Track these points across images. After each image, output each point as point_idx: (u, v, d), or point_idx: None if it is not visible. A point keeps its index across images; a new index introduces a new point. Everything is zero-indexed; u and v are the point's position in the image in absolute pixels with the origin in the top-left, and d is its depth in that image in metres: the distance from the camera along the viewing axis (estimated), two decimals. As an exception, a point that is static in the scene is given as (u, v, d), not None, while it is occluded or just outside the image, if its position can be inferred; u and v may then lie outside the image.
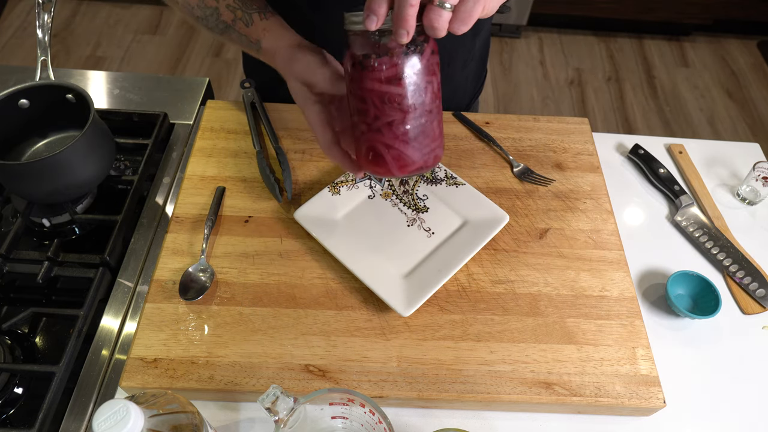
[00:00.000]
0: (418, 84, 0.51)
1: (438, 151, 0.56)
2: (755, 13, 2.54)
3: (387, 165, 0.54)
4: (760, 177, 0.83)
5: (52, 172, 0.71)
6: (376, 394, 0.61)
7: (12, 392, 0.64)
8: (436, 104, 0.54)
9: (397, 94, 0.51)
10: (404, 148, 0.53)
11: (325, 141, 0.58)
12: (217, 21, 0.64)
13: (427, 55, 0.51)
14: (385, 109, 0.52)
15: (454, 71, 0.93)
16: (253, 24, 0.62)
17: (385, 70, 0.50)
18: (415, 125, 0.53)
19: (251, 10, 0.63)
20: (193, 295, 0.67)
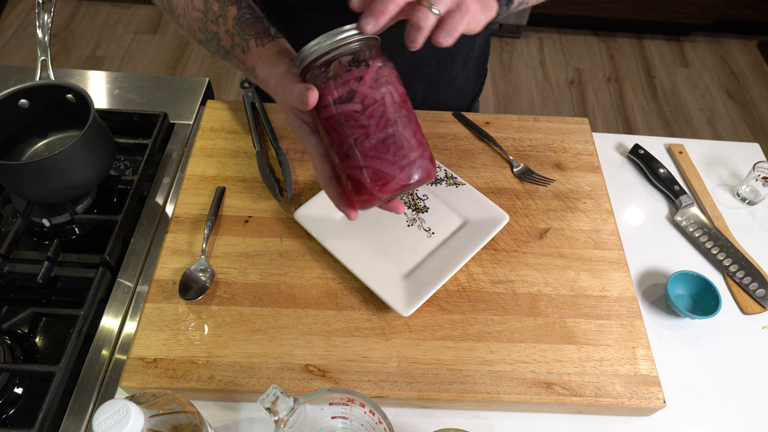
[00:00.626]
0: (371, 96, 0.50)
1: (422, 163, 0.53)
2: (755, 13, 2.54)
3: (367, 188, 0.52)
4: (760, 177, 0.83)
5: (52, 172, 0.71)
6: (376, 394, 0.61)
7: (12, 392, 0.64)
8: (402, 114, 0.52)
9: (351, 111, 0.50)
10: (377, 164, 0.51)
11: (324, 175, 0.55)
12: (218, 46, 0.64)
13: (375, 68, 0.51)
14: (345, 130, 0.51)
15: (456, 71, 0.93)
16: (249, 51, 0.61)
17: (335, 92, 0.50)
18: (381, 137, 0.51)
19: (249, 36, 0.61)
20: (193, 295, 0.67)
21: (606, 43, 2.62)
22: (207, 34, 0.63)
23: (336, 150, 0.52)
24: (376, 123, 0.51)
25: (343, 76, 0.50)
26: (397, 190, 0.52)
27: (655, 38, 2.65)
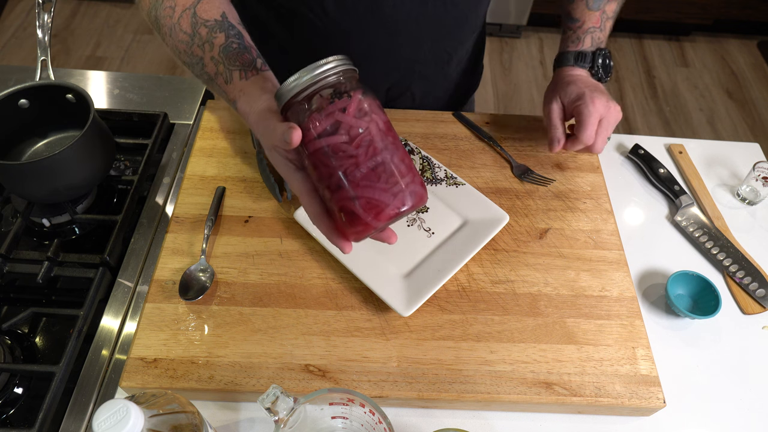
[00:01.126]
0: (357, 126, 0.50)
1: (413, 188, 0.52)
2: (755, 13, 2.54)
3: (361, 218, 0.51)
4: (760, 177, 0.83)
5: (52, 172, 0.71)
6: (376, 394, 0.61)
7: (12, 392, 0.64)
8: (389, 142, 0.52)
9: (338, 143, 0.50)
10: (370, 193, 0.51)
11: (314, 212, 0.54)
12: (201, 71, 0.62)
13: (357, 98, 0.51)
14: (334, 162, 0.51)
15: (451, 70, 0.93)
16: (232, 82, 0.59)
17: (318, 125, 0.50)
18: (371, 166, 0.51)
19: (233, 67, 0.59)
20: (193, 295, 0.67)
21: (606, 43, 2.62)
22: (192, 58, 0.62)
23: (326, 183, 0.52)
24: (365, 152, 0.50)
25: (327, 109, 0.50)
26: (392, 217, 0.52)
27: (655, 38, 2.65)
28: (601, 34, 0.81)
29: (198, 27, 0.61)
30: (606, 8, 0.81)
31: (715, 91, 2.43)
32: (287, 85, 0.50)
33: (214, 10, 0.61)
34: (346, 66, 0.51)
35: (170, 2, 0.62)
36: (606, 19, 0.81)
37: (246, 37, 0.61)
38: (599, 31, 0.81)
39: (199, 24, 0.61)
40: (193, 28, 0.61)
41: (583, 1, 0.81)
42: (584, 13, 0.81)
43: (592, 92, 0.74)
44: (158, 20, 0.63)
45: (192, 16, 0.61)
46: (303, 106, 0.50)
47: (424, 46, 0.85)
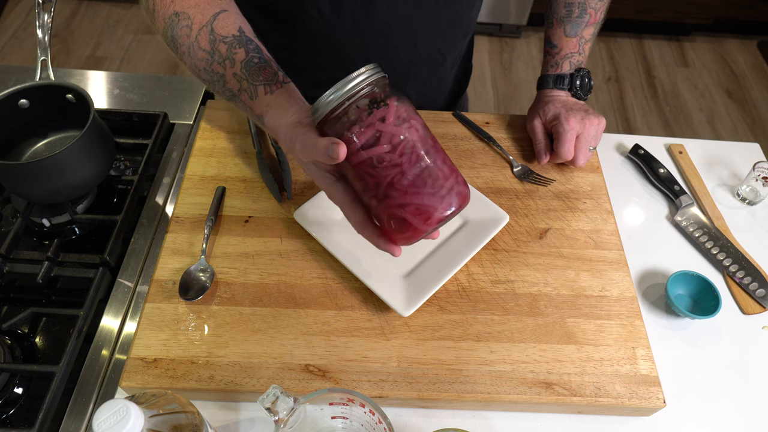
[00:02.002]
0: (398, 134, 0.50)
1: (458, 188, 0.53)
2: (755, 13, 2.54)
3: (411, 224, 0.52)
4: (760, 177, 0.83)
5: (52, 172, 0.71)
6: (376, 394, 0.61)
7: (12, 392, 0.64)
8: (429, 145, 0.53)
9: (382, 153, 0.50)
10: (419, 199, 0.51)
11: (358, 221, 0.54)
12: (223, 88, 0.61)
13: (394, 105, 0.51)
14: (380, 173, 0.51)
15: (445, 71, 0.94)
16: (258, 98, 0.58)
17: (360, 137, 0.50)
18: (417, 172, 0.51)
19: (257, 83, 0.58)
20: (193, 295, 0.67)
21: (606, 43, 2.62)
22: (212, 75, 0.61)
23: (372, 193, 0.52)
24: (409, 159, 0.51)
25: (366, 120, 0.50)
26: (442, 220, 0.52)
27: (655, 38, 2.65)
28: (580, 57, 0.85)
29: (217, 44, 0.60)
30: (583, 33, 0.84)
31: (715, 91, 2.43)
32: (323, 99, 0.50)
33: (231, 25, 0.61)
34: (378, 74, 0.51)
35: (186, 21, 0.61)
36: (584, 43, 0.85)
37: (264, 50, 0.61)
38: (577, 55, 0.85)
39: (218, 41, 0.60)
40: (212, 45, 0.60)
41: (561, 28, 0.84)
42: (562, 39, 0.84)
43: (567, 111, 0.81)
44: (175, 39, 0.62)
45: (210, 33, 0.60)
46: (341, 119, 0.50)
47: (419, 48, 0.86)
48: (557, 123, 0.80)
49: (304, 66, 0.87)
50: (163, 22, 0.63)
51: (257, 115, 0.59)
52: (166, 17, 0.62)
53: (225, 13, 0.62)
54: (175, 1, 0.62)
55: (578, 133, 0.80)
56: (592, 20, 0.83)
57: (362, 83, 0.50)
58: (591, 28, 0.84)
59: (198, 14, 0.61)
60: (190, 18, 0.61)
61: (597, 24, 0.85)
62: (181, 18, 0.61)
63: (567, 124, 0.79)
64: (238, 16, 0.63)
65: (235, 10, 0.63)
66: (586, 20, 0.83)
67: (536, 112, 0.85)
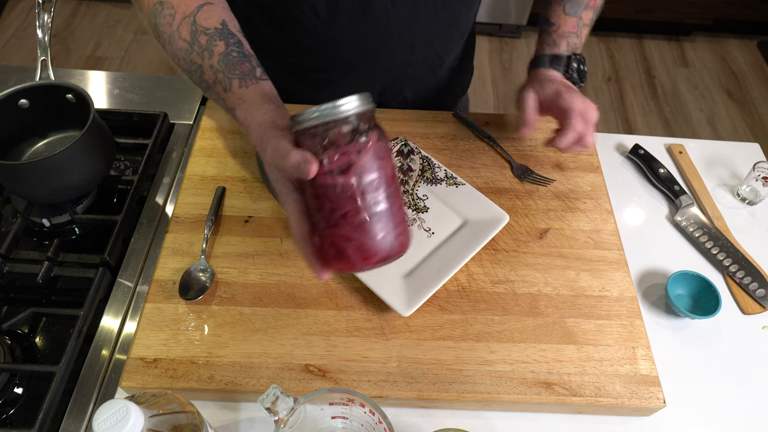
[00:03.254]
0: (369, 171, 0.50)
1: (403, 238, 0.54)
2: (755, 13, 2.54)
3: (350, 258, 0.52)
4: (760, 177, 0.83)
5: (52, 172, 0.71)
6: (376, 394, 0.61)
7: (12, 392, 0.64)
8: (393, 189, 0.53)
9: (349, 184, 0.50)
10: (365, 238, 0.52)
11: (300, 234, 0.53)
12: (200, 79, 0.61)
13: (374, 141, 0.50)
14: (339, 201, 0.50)
15: (442, 72, 0.93)
16: (231, 91, 0.58)
17: (332, 162, 0.49)
18: (373, 213, 0.51)
19: (232, 76, 0.58)
20: (193, 295, 0.67)
21: (606, 43, 2.62)
22: (191, 65, 0.61)
23: (324, 216, 0.52)
24: (370, 198, 0.51)
25: (343, 147, 0.49)
26: (377, 264, 0.53)
27: (655, 38, 2.65)
28: (577, 40, 0.81)
29: (198, 35, 0.60)
30: (583, 15, 0.81)
31: (715, 91, 2.43)
32: (309, 113, 0.49)
33: (215, 18, 0.61)
34: (369, 105, 0.50)
35: (170, 10, 0.62)
36: (582, 26, 0.81)
37: (246, 45, 0.61)
38: (575, 37, 0.81)
39: (199, 32, 0.60)
40: (192, 36, 0.60)
41: (560, 6, 0.81)
42: (561, 17, 0.81)
43: (569, 90, 0.75)
44: (158, 27, 0.63)
45: (192, 24, 0.60)
46: (320, 137, 0.49)
47: (416, 50, 0.85)
48: (561, 99, 0.74)
49: (305, 68, 0.87)
50: (147, 9, 0.63)
51: (229, 108, 0.59)
52: (151, 5, 0.62)
53: (210, 6, 0.62)
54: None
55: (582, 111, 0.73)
56: (592, 2, 0.81)
57: (353, 110, 0.49)
58: (590, 12, 0.82)
59: (182, 4, 0.61)
60: (173, 7, 0.61)
61: (596, 10, 0.83)
62: (165, 7, 0.62)
63: (572, 100, 0.73)
64: (224, 10, 0.63)
65: (221, 4, 0.63)
66: (586, 2, 0.81)
67: (530, 88, 0.78)
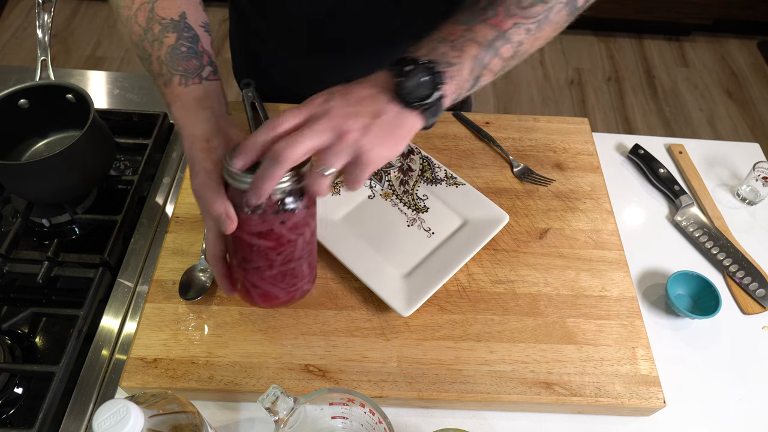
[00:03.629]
0: (288, 238, 0.52)
1: (306, 287, 0.60)
2: (755, 13, 2.54)
3: (253, 299, 0.59)
4: (760, 177, 0.83)
5: (52, 172, 0.71)
6: (376, 394, 0.61)
7: (12, 392, 0.64)
8: (307, 250, 0.56)
9: (266, 247, 0.52)
10: (270, 288, 0.57)
11: (215, 254, 0.54)
12: (149, 69, 0.59)
13: (301, 212, 0.51)
14: (253, 257, 0.53)
15: None
16: (170, 87, 0.56)
17: (255, 224, 0.50)
18: (283, 270, 0.55)
19: (174, 71, 0.56)
20: (193, 295, 0.67)
21: (606, 43, 2.62)
22: (143, 53, 0.59)
23: (237, 258, 0.54)
24: (283, 259, 0.54)
25: (268, 215, 0.49)
26: (278, 306, 0.59)
27: (655, 38, 2.65)
28: (454, 54, 0.52)
29: (152, 23, 0.58)
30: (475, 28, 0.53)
31: (715, 91, 2.43)
32: (241, 177, 0.47)
33: (174, 8, 0.59)
34: (301, 183, 0.49)
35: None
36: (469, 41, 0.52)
37: (203, 40, 0.59)
38: (450, 49, 0.52)
39: (155, 20, 0.58)
40: (147, 23, 0.58)
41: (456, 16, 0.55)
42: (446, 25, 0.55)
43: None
44: (118, 9, 0.61)
45: (150, 11, 0.59)
46: (246, 199, 0.48)
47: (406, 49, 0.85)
48: None
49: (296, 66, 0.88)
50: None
51: (167, 103, 0.57)
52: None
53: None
54: None
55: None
56: (495, 20, 0.53)
57: (285, 185, 0.48)
58: (489, 30, 0.53)
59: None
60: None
61: (501, 33, 0.53)
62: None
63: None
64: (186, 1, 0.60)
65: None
66: (488, 16, 0.53)
67: None
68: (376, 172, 0.79)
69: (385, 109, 0.48)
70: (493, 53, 0.53)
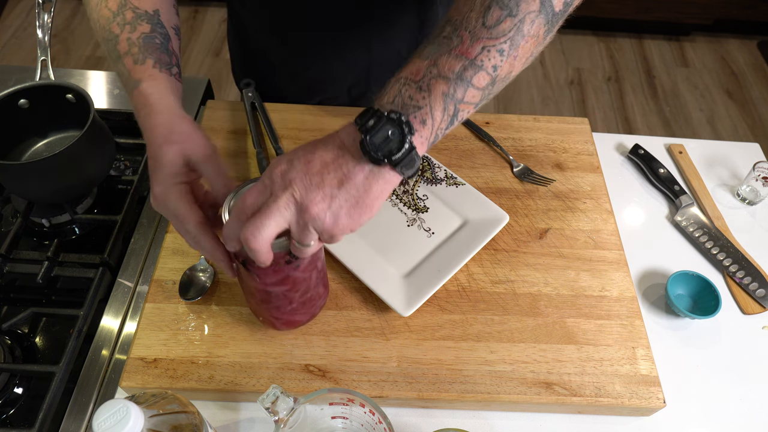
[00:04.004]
0: (303, 277, 0.54)
1: (323, 302, 0.64)
2: (755, 13, 2.54)
3: (276, 326, 0.63)
4: (760, 177, 0.83)
5: (52, 172, 0.71)
6: (376, 394, 0.61)
7: (12, 392, 0.64)
8: (320, 276, 0.59)
9: (283, 291, 0.55)
10: (291, 317, 0.60)
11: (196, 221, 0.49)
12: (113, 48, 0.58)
13: (310, 258, 0.53)
14: (272, 299, 0.57)
15: None
16: (143, 65, 0.55)
17: (269, 276, 0.52)
18: (302, 301, 0.58)
19: (149, 55, 0.56)
20: (193, 295, 0.67)
21: (606, 43, 2.62)
22: (108, 34, 0.58)
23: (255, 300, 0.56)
24: (301, 295, 0.57)
25: (281, 266, 0.51)
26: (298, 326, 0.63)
27: (655, 38, 2.65)
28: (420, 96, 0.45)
29: (125, 9, 0.58)
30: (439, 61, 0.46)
31: (715, 91, 2.43)
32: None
33: (149, 3, 0.59)
34: None
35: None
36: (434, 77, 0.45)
37: (174, 42, 0.59)
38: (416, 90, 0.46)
39: (128, 8, 0.58)
40: (119, 8, 0.58)
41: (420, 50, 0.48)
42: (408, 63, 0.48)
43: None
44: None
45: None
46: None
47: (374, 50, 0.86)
48: None
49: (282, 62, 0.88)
50: None
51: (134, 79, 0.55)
52: None
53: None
54: None
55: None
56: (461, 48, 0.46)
57: (285, 239, 0.48)
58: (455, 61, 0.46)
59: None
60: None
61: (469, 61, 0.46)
62: None
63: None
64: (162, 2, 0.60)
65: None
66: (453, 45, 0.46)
67: None
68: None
69: (353, 172, 0.44)
70: (465, 85, 0.46)
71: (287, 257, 0.50)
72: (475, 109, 0.49)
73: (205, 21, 2.58)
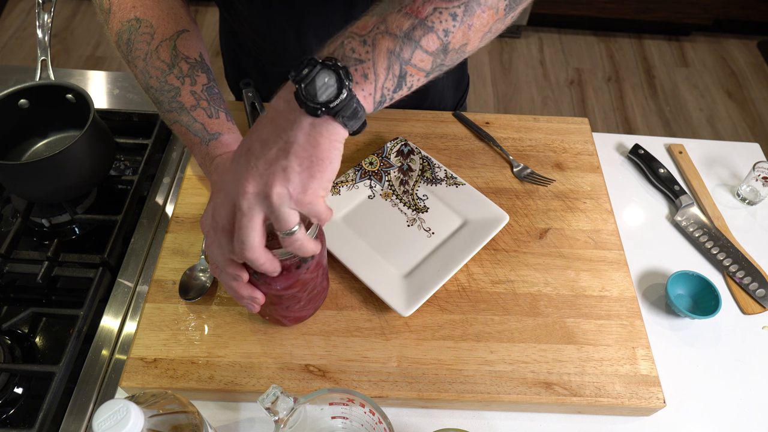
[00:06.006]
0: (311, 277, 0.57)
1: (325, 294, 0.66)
2: (755, 13, 2.54)
3: (283, 323, 0.64)
4: (760, 177, 0.83)
5: (52, 172, 0.71)
6: (376, 394, 0.61)
7: (12, 392, 0.64)
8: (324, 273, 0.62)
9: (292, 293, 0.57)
10: (299, 313, 0.62)
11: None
12: (172, 99, 0.61)
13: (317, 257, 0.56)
14: (282, 302, 0.58)
15: (435, 80, 0.93)
16: (219, 119, 0.61)
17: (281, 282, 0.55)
18: (309, 297, 0.60)
19: (219, 108, 0.62)
20: (193, 295, 0.67)
21: (606, 43, 2.62)
22: (164, 85, 0.61)
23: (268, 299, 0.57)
24: (308, 293, 0.60)
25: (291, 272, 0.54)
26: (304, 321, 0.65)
27: (655, 38, 2.65)
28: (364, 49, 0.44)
29: (178, 60, 0.61)
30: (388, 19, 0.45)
31: (715, 91, 2.43)
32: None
33: (194, 48, 0.63)
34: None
35: (148, 29, 0.62)
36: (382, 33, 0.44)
37: (216, 84, 0.64)
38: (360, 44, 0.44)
39: (180, 58, 0.62)
40: (173, 59, 0.61)
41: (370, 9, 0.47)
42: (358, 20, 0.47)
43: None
44: (131, 43, 0.62)
45: (172, 48, 0.62)
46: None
47: None
48: None
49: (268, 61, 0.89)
50: (119, 24, 0.63)
51: (210, 132, 0.60)
52: (125, 20, 0.62)
53: (187, 33, 0.63)
54: (136, 7, 0.62)
55: None
56: (412, 7, 0.45)
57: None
58: (404, 19, 0.44)
59: (161, 26, 0.62)
60: (152, 27, 0.62)
61: (419, 21, 0.44)
62: (142, 25, 0.62)
63: None
64: (198, 40, 0.65)
65: (196, 32, 0.65)
66: (405, 3, 0.45)
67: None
68: (376, 172, 0.79)
69: (293, 135, 0.43)
70: (413, 46, 0.44)
71: (298, 262, 0.53)
72: (427, 78, 0.47)
73: (205, 21, 2.58)
